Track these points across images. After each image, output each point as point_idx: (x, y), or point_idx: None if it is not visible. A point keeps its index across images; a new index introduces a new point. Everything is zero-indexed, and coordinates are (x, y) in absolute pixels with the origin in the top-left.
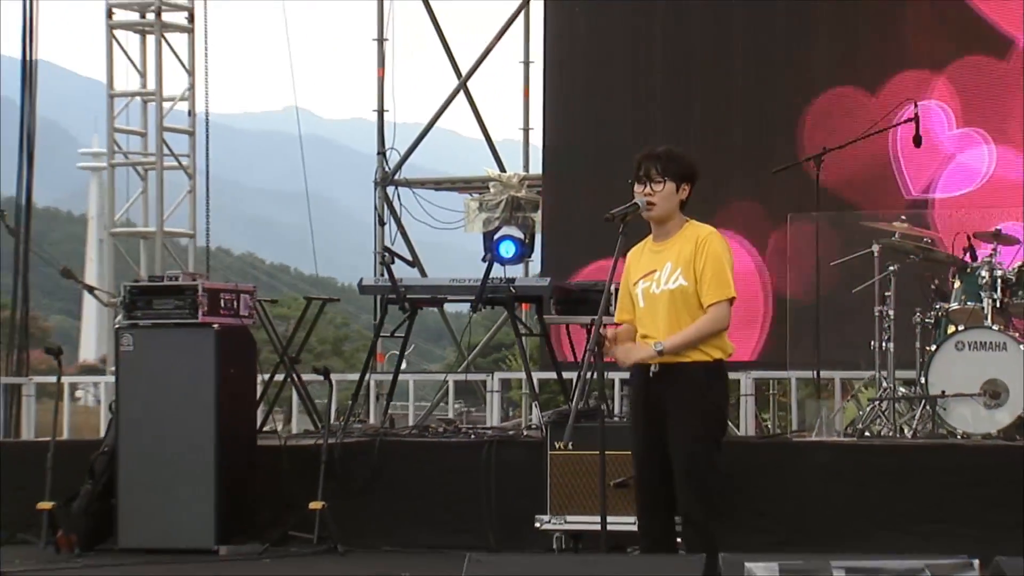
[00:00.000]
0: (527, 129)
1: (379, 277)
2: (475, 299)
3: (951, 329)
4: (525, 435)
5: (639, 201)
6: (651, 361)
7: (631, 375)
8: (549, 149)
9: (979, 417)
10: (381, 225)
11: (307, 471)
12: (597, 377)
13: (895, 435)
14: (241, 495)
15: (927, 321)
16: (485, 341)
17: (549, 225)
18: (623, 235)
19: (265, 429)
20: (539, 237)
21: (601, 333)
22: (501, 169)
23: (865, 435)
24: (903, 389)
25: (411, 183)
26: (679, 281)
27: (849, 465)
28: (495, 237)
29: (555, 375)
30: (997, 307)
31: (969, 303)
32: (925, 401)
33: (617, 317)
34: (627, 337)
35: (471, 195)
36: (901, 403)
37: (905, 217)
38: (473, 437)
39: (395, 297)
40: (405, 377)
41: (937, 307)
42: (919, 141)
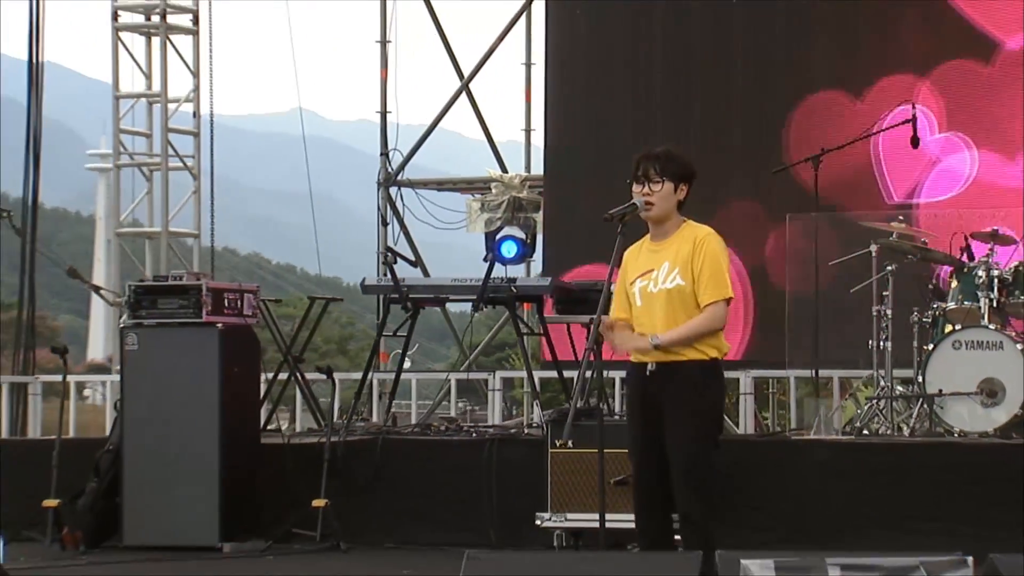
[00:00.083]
0: (529, 130)
1: (382, 277)
2: (476, 299)
3: (948, 328)
4: (526, 433)
5: (637, 201)
6: (646, 353)
7: (627, 374)
8: (550, 150)
9: (976, 415)
10: (384, 225)
11: (310, 469)
12: (596, 376)
13: (893, 433)
14: (245, 493)
15: (924, 320)
16: (487, 340)
17: (550, 225)
18: (621, 235)
19: (269, 428)
20: (540, 237)
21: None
22: (503, 170)
23: (863, 433)
24: (901, 388)
25: (414, 184)
26: (677, 281)
27: (847, 463)
28: (497, 237)
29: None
30: (994, 307)
31: (966, 303)
32: (922, 400)
33: (613, 315)
34: (624, 329)
35: (473, 196)
36: (899, 402)
37: (903, 217)
38: (474, 435)
39: (397, 297)
40: (408, 376)
41: (934, 306)
42: (916, 142)
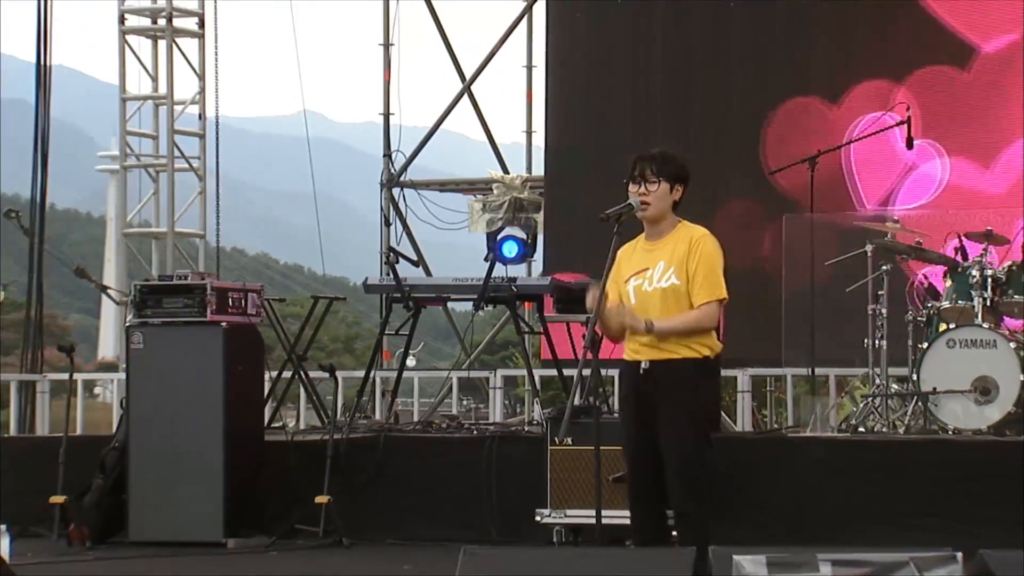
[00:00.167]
0: (530, 132)
1: (384, 277)
2: (477, 298)
3: (943, 327)
4: (526, 431)
5: (633, 201)
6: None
7: (621, 373)
8: (550, 151)
9: (970, 413)
10: (387, 226)
11: (313, 466)
12: (593, 374)
13: (888, 431)
14: (249, 489)
15: (919, 319)
16: (488, 339)
17: (551, 225)
18: (618, 235)
19: (274, 425)
20: (541, 237)
21: (597, 290)
22: (504, 171)
23: (859, 431)
24: (896, 386)
25: (416, 184)
26: (672, 280)
27: (843, 460)
28: (498, 237)
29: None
30: (987, 306)
31: (960, 302)
32: (917, 398)
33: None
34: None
35: (475, 196)
36: (894, 400)
37: (899, 219)
38: (475, 433)
39: (399, 296)
40: (410, 374)
41: (929, 305)
42: (911, 143)
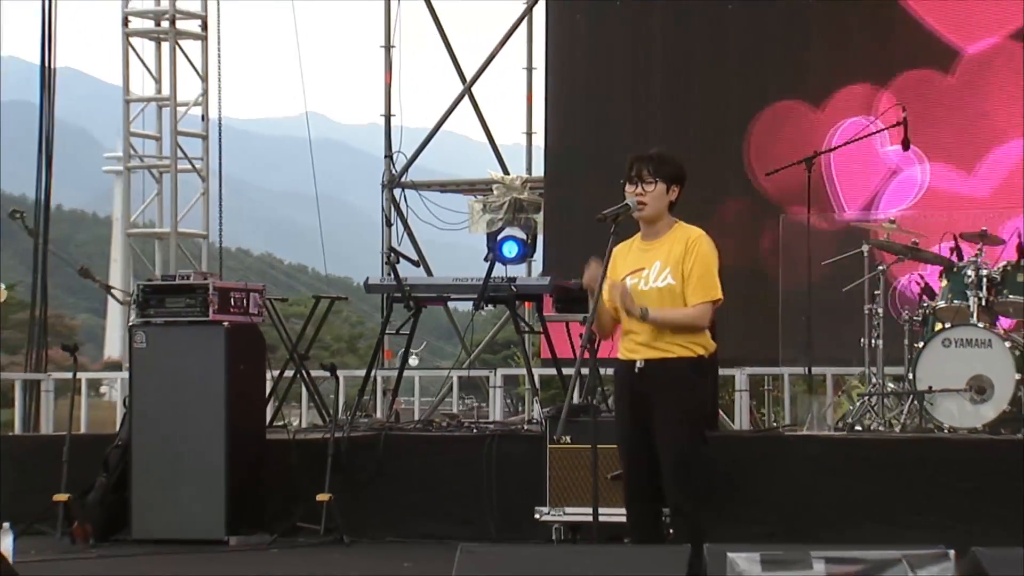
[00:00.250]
0: (530, 133)
1: (385, 277)
2: (477, 297)
3: (938, 327)
4: (525, 430)
5: (630, 202)
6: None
7: (615, 372)
8: (550, 152)
9: (965, 412)
10: (388, 226)
11: (314, 464)
12: (591, 373)
13: (884, 430)
14: (250, 487)
15: (915, 319)
16: (488, 339)
17: (550, 226)
18: (614, 235)
19: (276, 424)
20: (541, 237)
21: (596, 267)
22: (504, 172)
23: (855, 429)
24: (892, 385)
25: (417, 185)
26: (668, 280)
27: (839, 459)
28: (498, 238)
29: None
30: (982, 305)
31: (955, 301)
32: (913, 396)
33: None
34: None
35: (475, 197)
36: (890, 398)
37: (894, 219)
38: (475, 431)
39: (400, 296)
40: (411, 373)
41: (925, 305)
42: (907, 144)
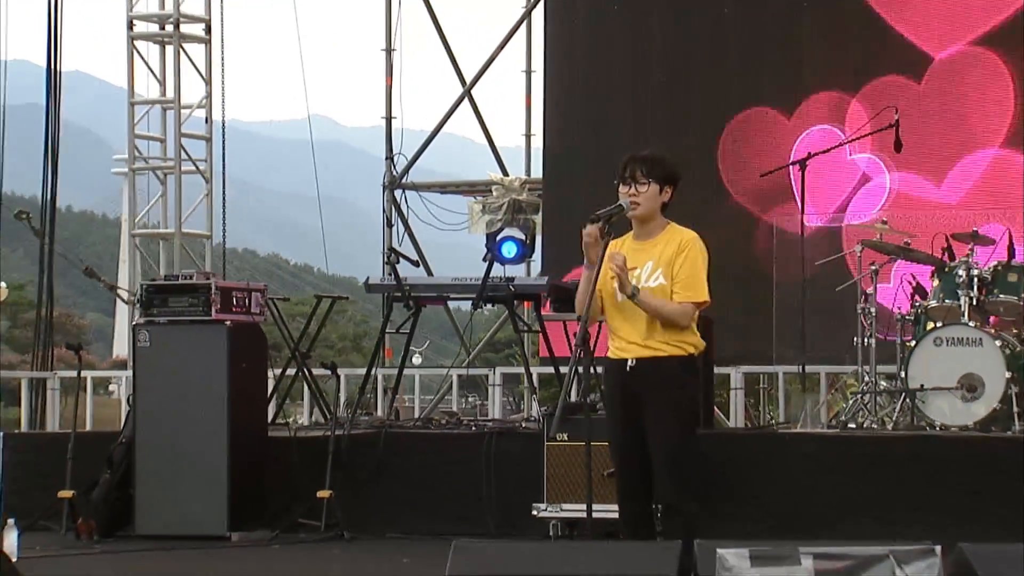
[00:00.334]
0: (529, 135)
1: (386, 276)
2: (476, 297)
3: (930, 326)
4: (524, 427)
5: (623, 203)
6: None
7: (606, 371)
8: (549, 154)
9: (956, 410)
10: (389, 227)
11: (315, 462)
12: (585, 371)
13: (877, 427)
14: (252, 484)
15: (907, 318)
16: (487, 338)
17: (549, 226)
18: (608, 235)
19: (278, 421)
20: (539, 238)
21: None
22: (504, 173)
23: (848, 427)
24: (884, 383)
25: (418, 187)
26: (659, 280)
27: (832, 456)
28: (497, 238)
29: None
30: (974, 305)
31: (947, 301)
32: (905, 395)
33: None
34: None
35: (475, 198)
36: (883, 396)
37: (887, 219)
38: (474, 429)
39: (400, 296)
40: (412, 372)
41: (917, 304)
42: (899, 146)
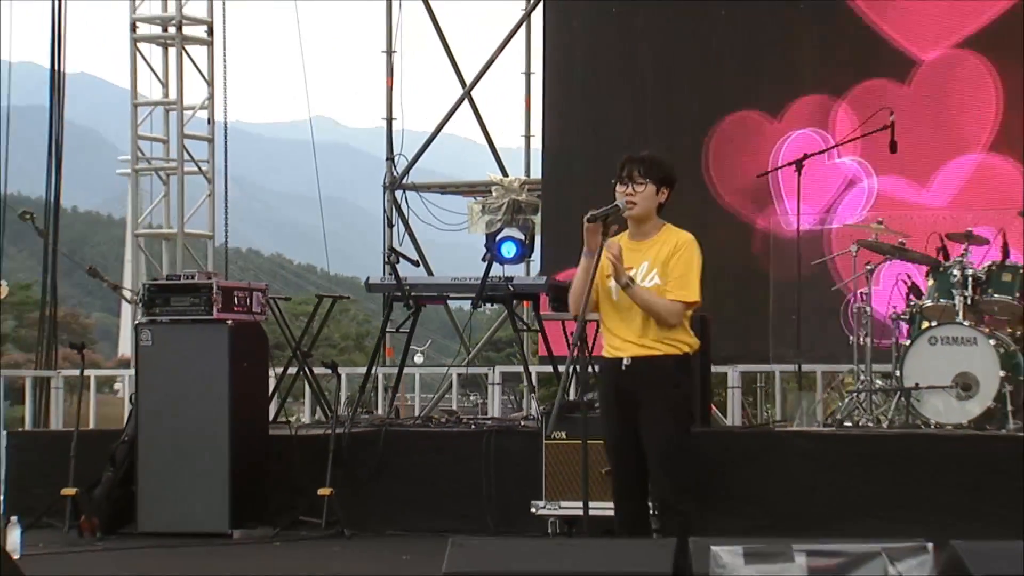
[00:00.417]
0: (528, 136)
1: (386, 276)
2: (475, 296)
3: (925, 325)
4: (523, 426)
5: (620, 203)
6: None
7: (600, 370)
8: (548, 155)
9: (951, 408)
10: (390, 227)
11: (316, 460)
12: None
13: (872, 425)
14: (254, 482)
15: (903, 317)
16: (487, 337)
17: (548, 226)
18: (604, 235)
19: (279, 420)
20: (539, 238)
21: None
22: (503, 174)
23: (844, 425)
24: (880, 382)
25: (418, 187)
26: (655, 280)
27: (828, 454)
28: (497, 238)
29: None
30: (968, 304)
31: (942, 300)
32: (900, 393)
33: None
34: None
35: (475, 198)
36: (878, 395)
37: (882, 220)
38: (473, 427)
39: (400, 295)
40: (412, 371)
41: (912, 304)
42: (894, 147)
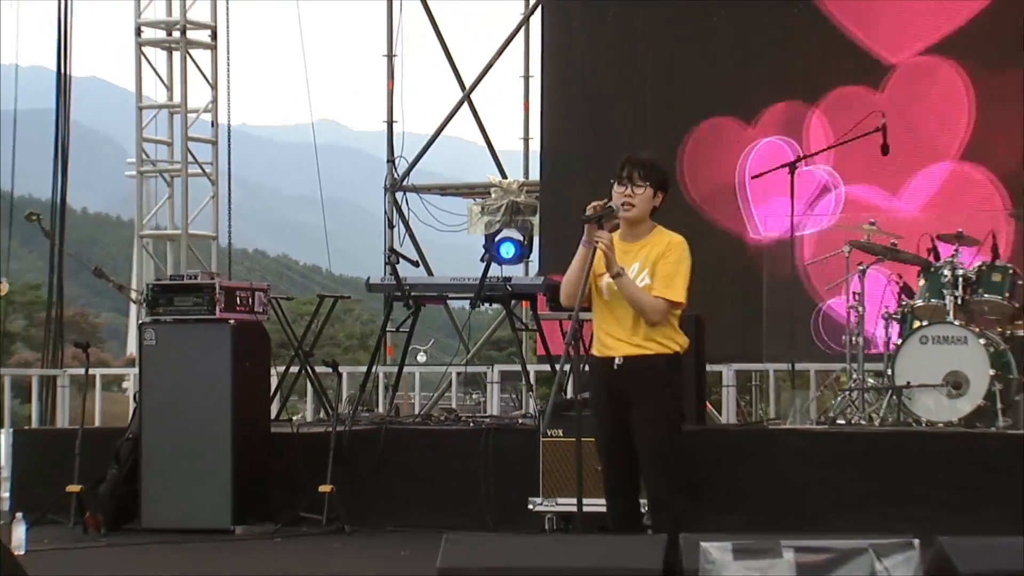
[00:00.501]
0: (527, 139)
1: (387, 276)
2: (474, 296)
3: (916, 324)
4: (520, 423)
5: (614, 204)
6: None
7: (591, 369)
8: (546, 157)
9: (942, 406)
10: (390, 228)
11: (317, 457)
12: (578, 367)
13: (864, 423)
14: (256, 479)
15: (894, 317)
16: (486, 336)
17: (546, 228)
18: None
19: (281, 418)
20: (537, 239)
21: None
22: (502, 176)
23: (837, 423)
24: (872, 380)
25: (419, 189)
26: (645, 281)
27: (820, 451)
28: (496, 239)
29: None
30: (959, 304)
31: (933, 300)
32: (892, 391)
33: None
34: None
35: (474, 200)
36: (870, 393)
37: (875, 221)
38: (472, 425)
39: (400, 295)
40: (412, 369)
41: (903, 303)
42: (886, 150)
